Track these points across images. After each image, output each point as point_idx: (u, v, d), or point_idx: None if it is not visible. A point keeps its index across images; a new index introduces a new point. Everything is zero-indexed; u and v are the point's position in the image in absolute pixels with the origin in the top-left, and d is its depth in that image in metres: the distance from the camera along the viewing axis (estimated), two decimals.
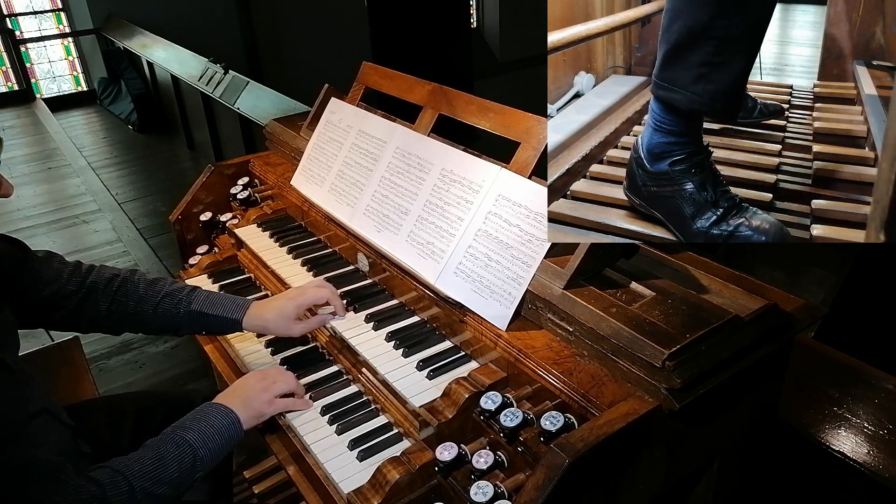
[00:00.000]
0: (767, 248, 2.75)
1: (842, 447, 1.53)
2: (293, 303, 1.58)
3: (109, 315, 1.55)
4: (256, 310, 1.58)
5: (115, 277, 1.57)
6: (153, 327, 1.59)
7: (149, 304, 1.56)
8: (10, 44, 7.58)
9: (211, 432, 1.32)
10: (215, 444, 1.31)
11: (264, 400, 1.41)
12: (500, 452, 1.22)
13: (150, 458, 1.24)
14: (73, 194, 5.37)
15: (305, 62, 8.16)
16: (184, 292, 1.58)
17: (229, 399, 1.40)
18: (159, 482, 1.22)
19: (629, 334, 1.17)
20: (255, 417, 1.40)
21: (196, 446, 1.28)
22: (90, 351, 3.26)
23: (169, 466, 1.24)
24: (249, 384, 1.45)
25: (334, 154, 1.97)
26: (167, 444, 1.27)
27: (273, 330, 1.59)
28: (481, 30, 10.74)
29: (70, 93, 8.30)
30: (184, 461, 1.26)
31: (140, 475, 1.21)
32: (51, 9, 8.05)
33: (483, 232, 1.48)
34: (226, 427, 1.34)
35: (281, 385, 1.45)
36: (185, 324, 1.58)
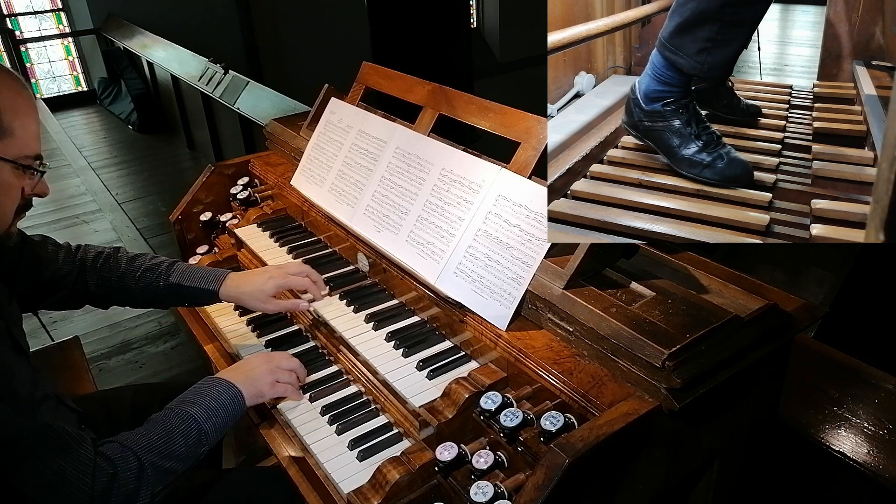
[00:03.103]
0: (767, 248, 2.75)
1: (842, 447, 1.52)
2: (273, 282, 1.63)
3: (97, 290, 1.63)
4: (233, 281, 1.64)
5: (99, 255, 1.64)
6: (137, 300, 1.67)
7: (130, 278, 1.63)
8: (10, 44, 7.59)
9: (215, 406, 1.33)
10: (219, 418, 1.32)
11: (267, 381, 1.43)
12: (500, 452, 1.22)
13: (157, 433, 1.25)
14: (73, 194, 5.37)
15: (305, 62, 8.15)
16: (163, 266, 1.65)
17: (232, 375, 1.42)
18: (167, 456, 1.23)
19: (629, 334, 1.17)
20: (257, 396, 1.42)
21: (201, 420, 1.29)
22: (90, 351, 3.26)
23: (176, 441, 1.25)
24: (255, 363, 1.47)
25: (334, 154, 1.97)
26: (173, 418, 1.28)
27: (247, 303, 1.65)
28: (481, 30, 10.73)
29: (70, 93, 8.30)
30: (190, 435, 1.27)
31: (148, 449, 1.21)
32: (51, 9, 8.05)
33: (483, 232, 1.48)
34: (229, 401, 1.35)
35: (285, 373, 1.47)
36: (166, 296, 1.65)
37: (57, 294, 1.59)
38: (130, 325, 3.54)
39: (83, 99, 8.21)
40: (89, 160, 6.16)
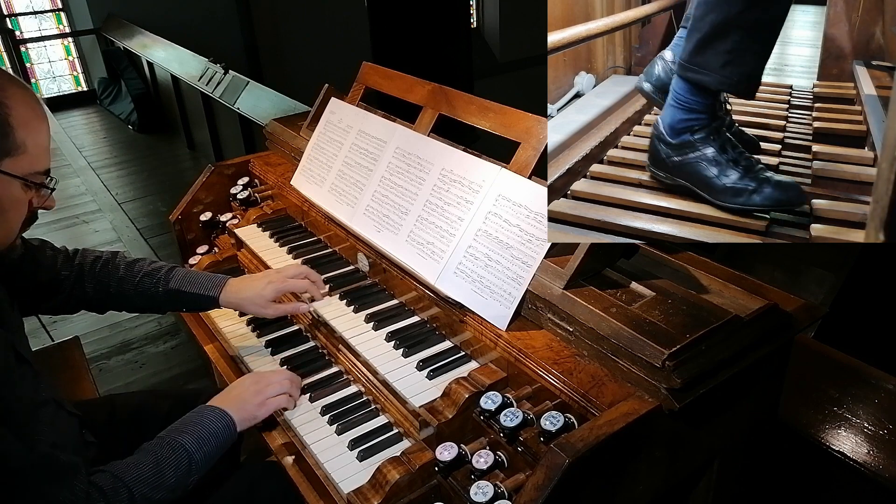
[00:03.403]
0: (767, 248, 2.75)
1: (842, 447, 1.52)
2: (273, 286, 1.63)
3: (95, 295, 1.62)
4: (233, 287, 1.64)
5: (97, 259, 1.63)
6: (135, 306, 1.67)
7: (129, 284, 1.62)
8: (10, 44, 7.58)
9: (206, 435, 1.33)
10: (210, 447, 1.33)
11: (256, 402, 1.43)
12: (500, 452, 1.22)
13: (148, 463, 1.25)
14: (73, 194, 5.37)
15: (305, 62, 8.16)
16: (162, 271, 1.64)
17: (224, 401, 1.42)
18: (157, 487, 1.23)
19: (629, 334, 1.17)
20: (249, 420, 1.42)
21: (192, 450, 1.29)
22: (90, 351, 3.26)
23: (166, 472, 1.25)
24: (245, 385, 1.47)
25: (334, 154, 1.97)
26: (164, 448, 1.28)
27: (247, 308, 1.65)
28: (481, 30, 10.73)
29: (70, 93, 8.29)
30: (180, 466, 1.27)
31: (139, 481, 1.22)
32: (51, 9, 8.05)
33: (483, 232, 1.48)
34: (220, 430, 1.35)
35: (275, 388, 1.46)
36: (165, 302, 1.65)
37: (53, 299, 1.58)
38: (130, 326, 3.54)
39: (83, 99, 8.21)
40: (89, 160, 6.16)
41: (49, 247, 1.59)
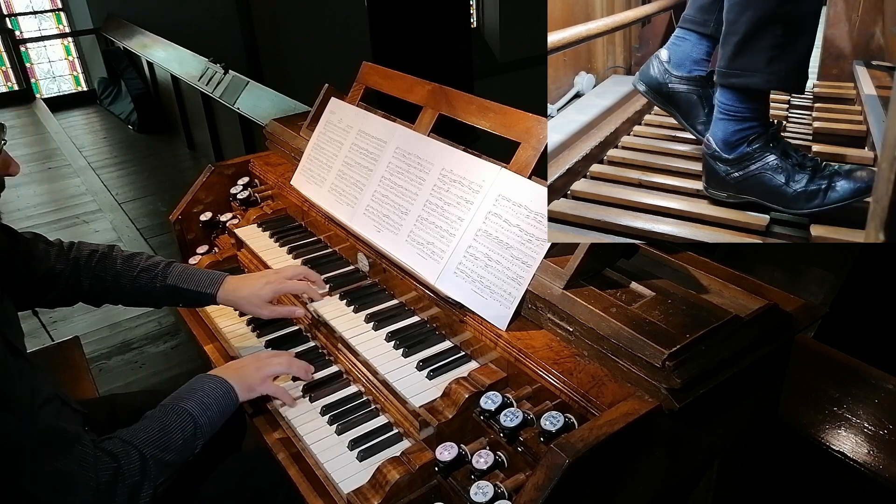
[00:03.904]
0: (767, 248, 2.75)
1: (842, 447, 1.52)
2: (270, 287, 1.63)
3: (91, 289, 1.62)
4: (231, 285, 1.64)
5: (93, 253, 1.63)
6: (132, 300, 1.67)
7: (125, 278, 1.62)
8: (10, 44, 7.58)
9: (209, 401, 1.35)
10: (213, 412, 1.34)
11: (257, 376, 1.45)
12: (500, 452, 1.22)
13: (155, 427, 1.26)
14: (73, 194, 5.37)
15: (305, 62, 8.16)
16: (160, 267, 1.64)
17: (223, 371, 1.44)
18: (166, 449, 1.24)
19: (629, 334, 1.17)
20: (248, 390, 1.43)
21: (195, 415, 1.31)
22: (90, 351, 3.26)
23: (173, 434, 1.27)
24: (244, 361, 1.50)
25: (334, 154, 1.97)
26: (169, 414, 1.30)
27: (244, 308, 1.65)
28: (481, 30, 10.73)
29: (70, 93, 8.30)
30: (186, 429, 1.29)
31: (148, 443, 1.23)
32: (51, 9, 8.05)
33: (483, 232, 1.48)
34: (222, 395, 1.37)
35: (275, 365, 1.48)
36: (162, 297, 1.65)
37: (51, 292, 1.59)
38: (130, 325, 3.54)
39: (83, 99, 8.21)
40: (89, 160, 6.16)
41: (42, 240, 1.59)
